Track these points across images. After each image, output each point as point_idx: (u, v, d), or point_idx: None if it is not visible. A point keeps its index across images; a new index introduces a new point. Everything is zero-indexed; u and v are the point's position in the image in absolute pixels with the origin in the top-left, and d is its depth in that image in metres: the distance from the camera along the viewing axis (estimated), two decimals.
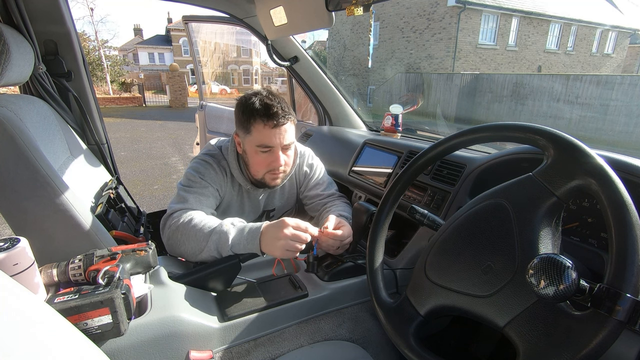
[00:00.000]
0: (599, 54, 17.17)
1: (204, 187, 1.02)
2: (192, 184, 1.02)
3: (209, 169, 1.06)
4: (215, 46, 3.42)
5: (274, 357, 0.76)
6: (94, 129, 1.29)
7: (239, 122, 1.03)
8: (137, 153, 6.44)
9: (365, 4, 0.89)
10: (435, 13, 13.90)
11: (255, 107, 0.98)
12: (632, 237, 0.44)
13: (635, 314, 0.42)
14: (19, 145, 0.74)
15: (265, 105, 0.97)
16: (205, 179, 1.03)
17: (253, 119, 0.98)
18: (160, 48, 33.22)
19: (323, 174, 1.27)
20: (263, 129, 0.98)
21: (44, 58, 1.13)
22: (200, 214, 0.94)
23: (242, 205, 1.16)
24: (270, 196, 1.22)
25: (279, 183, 1.10)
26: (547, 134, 0.58)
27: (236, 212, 1.16)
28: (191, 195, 0.99)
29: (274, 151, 1.01)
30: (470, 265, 0.60)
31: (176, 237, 0.91)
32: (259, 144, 1.00)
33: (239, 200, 1.15)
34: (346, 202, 1.23)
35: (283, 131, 0.99)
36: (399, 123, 1.53)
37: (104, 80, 17.89)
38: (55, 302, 0.58)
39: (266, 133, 0.98)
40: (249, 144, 1.02)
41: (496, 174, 0.93)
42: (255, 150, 1.01)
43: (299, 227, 0.83)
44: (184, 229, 0.89)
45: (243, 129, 1.01)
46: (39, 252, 0.67)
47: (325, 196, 1.22)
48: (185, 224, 0.90)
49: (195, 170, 1.04)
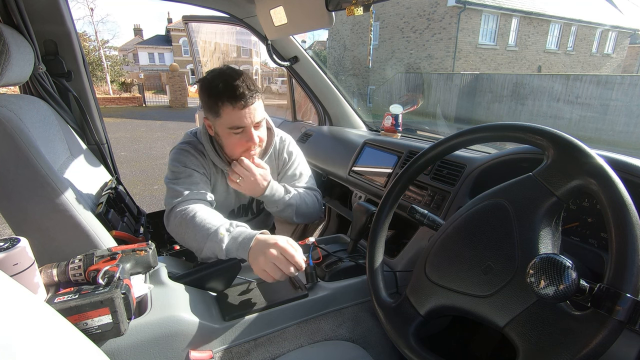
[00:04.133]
0: (599, 54, 17.16)
1: (190, 175, 1.03)
2: (178, 175, 1.03)
3: (188, 155, 1.06)
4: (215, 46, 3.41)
5: (274, 357, 0.76)
6: (94, 129, 1.29)
7: (206, 106, 1.01)
8: (137, 153, 6.45)
9: (365, 4, 0.89)
10: (435, 13, 13.90)
11: (220, 90, 0.96)
12: (632, 237, 0.44)
13: (635, 314, 0.42)
14: (19, 145, 0.74)
15: (231, 87, 0.95)
16: (188, 166, 1.04)
17: (220, 101, 0.96)
18: (160, 48, 33.20)
19: (302, 165, 1.26)
20: (232, 111, 0.97)
21: (44, 58, 1.13)
22: (203, 209, 0.95)
23: (227, 189, 1.16)
24: None
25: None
26: (547, 134, 0.58)
27: (222, 196, 1.16)
28: (181, 187, 1.00)
29: (246, 131, 1.01)
30: (470, 265, 0.60)
31: (181, 233, 0.94)
32: (231, 126, 0.99)
33: (223, 183, 1.15)
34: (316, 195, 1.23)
35: (253, 110, 0.99)
36: (399, 123, 1.53)
37: (104, 80, 17.89)
38: (55, 302, 0.58)
39: (236, 115, 0.97)
40: (221, 126, 1.01)
41: (496, 174, 0.93)
42: (227, 132, 1.01)
43: (285, 251, 0.77)
44: (186, 226, 0.91)
45: (212, 113, 1.00)
46: (39, 252, 0.67)
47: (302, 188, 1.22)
48: (188, 221, 0.91)
49: (177, 161, 1.05)
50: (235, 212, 1.23)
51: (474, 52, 14.11)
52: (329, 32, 19.30)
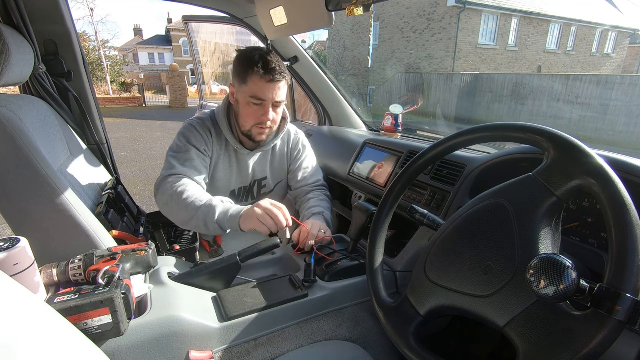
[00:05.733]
0: (599, 54, 17.16)
1: (188, 150, 1.07)
2: (179, 149, 1.08)
3: (193, 131, 1.11)
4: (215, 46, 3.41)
5: (274, 357, 0.76)
6: (94, 129, 1.29)
7: (236, 72, 1.06)
8: (137, 153, 6.45)
9: (365, 4, 0.89)
10: (435, 13, 13.90)
11: (254, 59, 1.01)
12: (632, 237, 0.44)
13: (635, 314, 0.42)
14: (19, 145, 0.74)
15: (265, 60, 1.01)
16: (191, 142, 1.09)
17: (251, 70, 1.01)
18: (160, 48, 33.19)
19: (312, 159, 1.33)
20: (259, 81, 1.02)
21: (44, 58, 1.13)
22: (194, 185, 1.01)
23: (230, 167, 1.19)
24: (260, 162, 1.24)
25: (264, 138, 1.14)
26: (547, 134, 0.58)
27: (225, 174, 1.19)
28: (178, 161, 1.05)
29: (265, 105, 1.05)
30: (470, 265, 0.60)
31: (170, 204, 0.98)
32: (253, 95, 1.04)
33: (226, 160, 1.18)
34: (326, 193, 1.29)
35: (277, 88, 1.04)
36: (399, 123, 1.53)
37: (104, 81, 17.89)
38: (55, 302, 0.58)
39: (261, 85, 1.02)
40: (243, 94, 1.06)
41: (496, 174, 0.93)
42: (247, 101, 1.05)
43: (275, 205, 0.90)
44: (177, 198, 0.96)
45: (239, 79, 1.05)
46: (39, 252, 0.67)
47: (309, 184, 1.28)
48: (179, 194, 0.96)
49: (182, 135, 1.10)
50: (236, 193, 1.26)
51: (474, 52, 14.10)
52: (329, 32, 19.30)
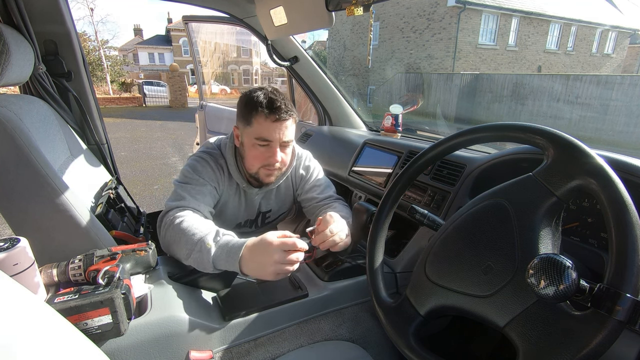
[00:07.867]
0: (599, 54, 17.16)
1: (201, 184, 1.01)
2: (189, 181, 1.01)
3: (206, 166, 1.05)
4: (215, 46, 3.41)
5: (274, 357, 0.76)
6: (94, 129, 1.29)
7: (240, 114, 1.02)
8: (137, 153, 6.44)
9: (365, 4, 0.89)
10: (435, 13, 13.90)
11: (258, 100, 0.98)
12: (632, 237, 0.44)
13: (635, 314, 0.42)
14: (19, 145, 0.74)
15: (269, 99, 0.97)
16: (202, 176, 1.02)
17: (255, 110, 0.97)
18: (160, 48, 33.19)
19: (320, 176, 1.25)
20: (264, 121, 0.97)
21: (44, 58, 1.13)
22: (193, 216, 0.89)
23: (239, 205, 1.16)
24: (266, 197, 1.21)
25: (272, 180, 1.08)
26: (547, 134, 0.58)
27: (233, 211, 1.16)
28: (187, 193, 0.98)
29: (271, 146, 1.00)
30: (470, 265, 0.60)
31: (168, 237, 0.88)
32: (258, 136, 0.99)
33: (236, 199, 1.14)
34: (344, 204, 1.20)
35: (284, 127, 0.99)
36: (399, 123, 1.53)
37: (104, 81, 17.88)
38: (55, 302, 0.58)
39: (266, 126, 0.97)
40: (248, 136, 1.01)
41: (496, 174, 0.93)
42: (253, 143, 1.00)
43: (285, 245, 0.75)
44: (174, 230, 0.86)
45: (244, 121, 1.01)
46: (39, 252, 0.67)
47: (321, 199, 1.19)
48: (176, 226, 0.86)
49: (192, 168, 1.03)
50: (242, 224, 1.23)
51: (474, 52, 14.10)
52: (329, 32, 19.30)
